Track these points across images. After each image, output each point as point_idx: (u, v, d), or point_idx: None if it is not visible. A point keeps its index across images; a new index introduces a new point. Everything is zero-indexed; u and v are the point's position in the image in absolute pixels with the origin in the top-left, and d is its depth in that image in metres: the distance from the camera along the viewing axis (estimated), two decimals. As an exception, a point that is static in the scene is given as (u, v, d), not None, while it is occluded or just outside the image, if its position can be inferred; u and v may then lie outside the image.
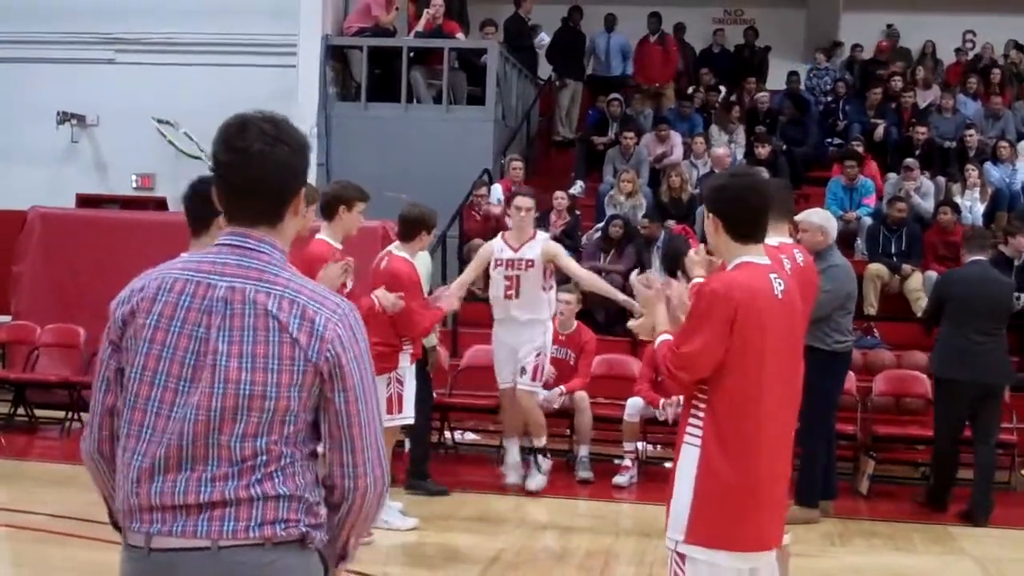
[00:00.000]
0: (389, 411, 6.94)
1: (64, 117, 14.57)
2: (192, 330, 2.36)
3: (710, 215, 3.83)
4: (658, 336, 3.92)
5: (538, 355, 8.33)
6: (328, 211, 6.60)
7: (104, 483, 2.58)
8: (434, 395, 8.87)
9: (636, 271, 4.34)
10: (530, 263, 8.33)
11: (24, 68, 14.50)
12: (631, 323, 4.38)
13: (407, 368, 7.08)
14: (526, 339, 8.32)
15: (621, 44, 15.59)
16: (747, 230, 3.79)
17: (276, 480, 2.36)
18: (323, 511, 2.47)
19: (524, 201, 8.53)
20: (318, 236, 6.48)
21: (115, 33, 14.47)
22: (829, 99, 15.10)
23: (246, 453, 2.34)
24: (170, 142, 14.18)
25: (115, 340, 2.45)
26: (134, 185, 14.79)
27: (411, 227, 7.17)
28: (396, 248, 7.25)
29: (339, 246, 6.51)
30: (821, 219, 7.04)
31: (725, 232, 3.78)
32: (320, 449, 2.48)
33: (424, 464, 8.41)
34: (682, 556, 3.64)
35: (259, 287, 2.38)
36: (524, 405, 8.40)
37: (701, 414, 3.68)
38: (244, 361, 2.34)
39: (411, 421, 7.29)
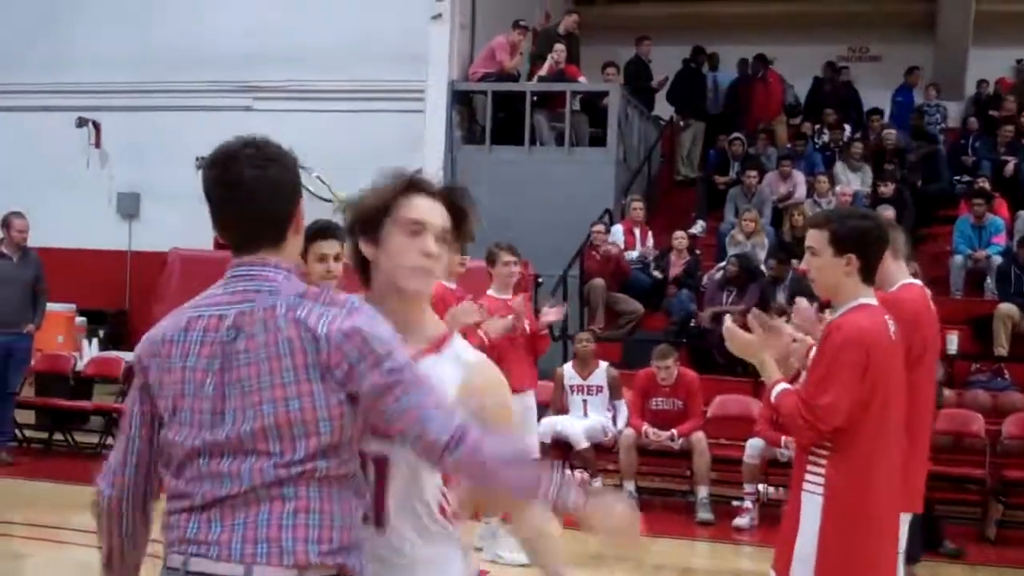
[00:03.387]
0: None
1: (203, 162, 15.16)
2: (208, 363, 2.36)
3: (848, 254, 3.70)
4: (773, 385, 3.82)
5: None
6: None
7: (116, 534, 2.55)
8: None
9: (730, 317, 4.12)
10: None
11: (167, 115, 15.15)
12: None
13: None
14: None
15: (724, 83, 15.77)
16: (875, 271, 3.76)
17: (311, 503, 2.32)
18: (359, 536, 2.42)
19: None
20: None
21: (253, 81, 15.06)
22: (943, 136, 14.95)
23: (278, 472, 2.31)
24: (303, 186, 14.68)
25: (139, 386, 2.48)
26: (269, 227, 15.31)
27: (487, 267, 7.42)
28: (489, 290, 7.44)
29: (453, 286, 6.71)
30: None
31: (859, 273, 3.70)
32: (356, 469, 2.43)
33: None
34: None
35: (266, 304, 2.37)
36: None
37: (823, 461, 3.65)
38: (262, 379, 2.32)
39: None
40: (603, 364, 9.75)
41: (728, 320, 3.95)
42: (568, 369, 9.81)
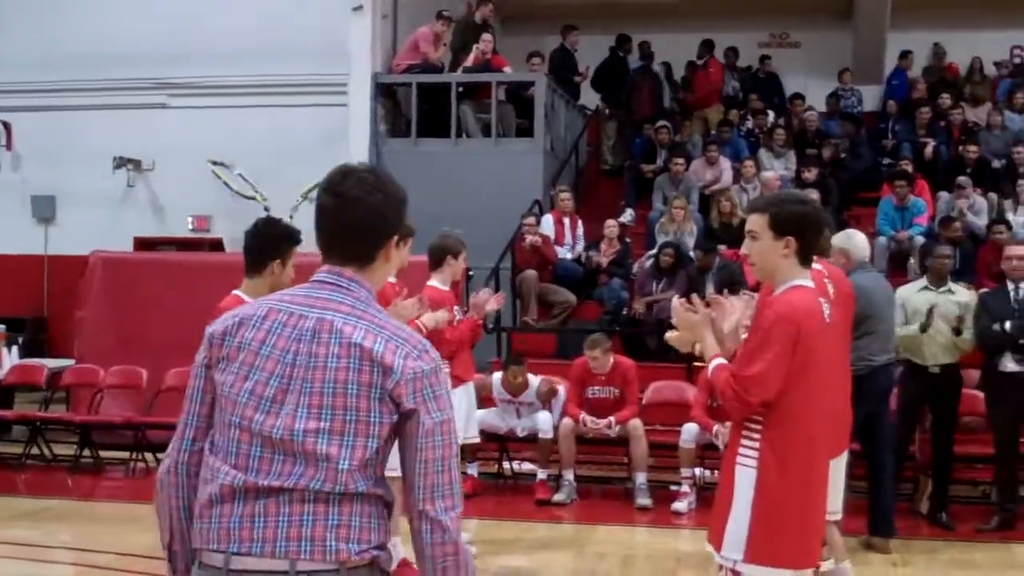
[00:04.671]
0: None
1: (120, 162, 14.88)
2: (280, 355, 2.49)
3: (786, 237, 3.78)
4: (710, 360, 3.94)
5: None
6: None
7: (174, 503, 2.63)
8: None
9: (677, 296, 4.26)
10: None
11: (80, 115, 14.83)
12: (668, 335, 4.28)
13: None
14: None
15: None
16: (811, 254, 3.88)
17: (353, 507, 2.46)
18: (386, 535, 2.55)
19: None
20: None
21: (167, 78, 14.77)
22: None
23: (326, 477, 2.43)
24: (224, 183, 14.43)
25: (207, 357, 2.58)
26: (190, 227, 15.06)
27: (436, 256, 7.34)
28: (431, 280, 7.36)
29: (393, 280, 6.63)
30: (840, 241, 6.98)
31: (796, 255, 3.79)
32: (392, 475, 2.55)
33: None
34: (737, 574, 3.75)
35: (347, 319, 2.51)
36: None
37: (756, 435, 3.75)
38: (326, 386, 2.45)
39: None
40: (533, 384, 9.55)
41: (676, 300, 4.08)
42: (496, 385, 9.60)
